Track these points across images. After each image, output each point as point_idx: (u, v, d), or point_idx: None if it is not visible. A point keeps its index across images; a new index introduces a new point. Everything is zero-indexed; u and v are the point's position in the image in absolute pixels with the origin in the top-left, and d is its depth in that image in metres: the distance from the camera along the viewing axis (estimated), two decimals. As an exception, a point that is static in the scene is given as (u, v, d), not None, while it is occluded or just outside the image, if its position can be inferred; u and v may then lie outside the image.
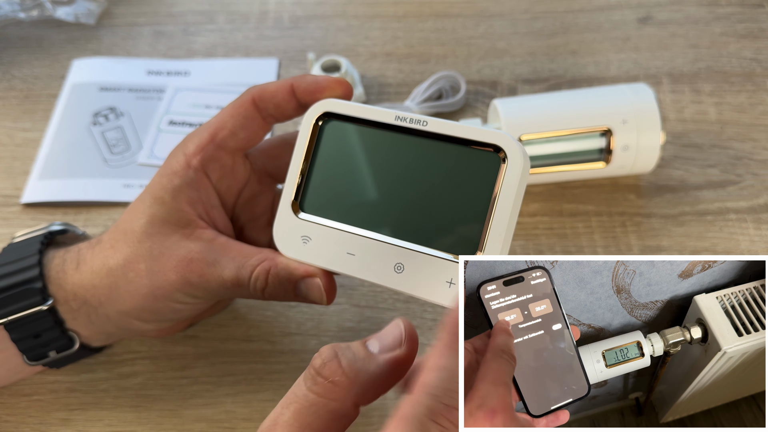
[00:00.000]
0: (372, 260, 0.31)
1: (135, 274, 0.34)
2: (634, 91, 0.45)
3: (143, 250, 0.34)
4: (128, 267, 0.34)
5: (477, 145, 0.31)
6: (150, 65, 0.57)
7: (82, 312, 0.35)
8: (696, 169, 0.49)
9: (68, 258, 0.36)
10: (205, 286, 0.33)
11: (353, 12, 0.60)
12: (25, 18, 0.59)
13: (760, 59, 0.55)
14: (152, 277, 0.33)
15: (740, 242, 0.45)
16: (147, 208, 0.34)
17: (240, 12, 0.61)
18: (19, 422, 0.38)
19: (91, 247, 0.35)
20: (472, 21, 0.59)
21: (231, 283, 0.33)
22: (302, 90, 0.34)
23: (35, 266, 0.35)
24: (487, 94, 0.54)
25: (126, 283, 0.34)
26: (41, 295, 0.34)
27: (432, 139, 0.31)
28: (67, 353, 0.36)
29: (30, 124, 0.53)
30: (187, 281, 0.33)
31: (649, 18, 0.59)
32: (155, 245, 0.34)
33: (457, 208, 0.31)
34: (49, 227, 0.39)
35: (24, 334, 0.35)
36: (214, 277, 0.33)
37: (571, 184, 0.48)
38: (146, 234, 0.34)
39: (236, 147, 0.35)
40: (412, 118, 0.32)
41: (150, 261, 0.33)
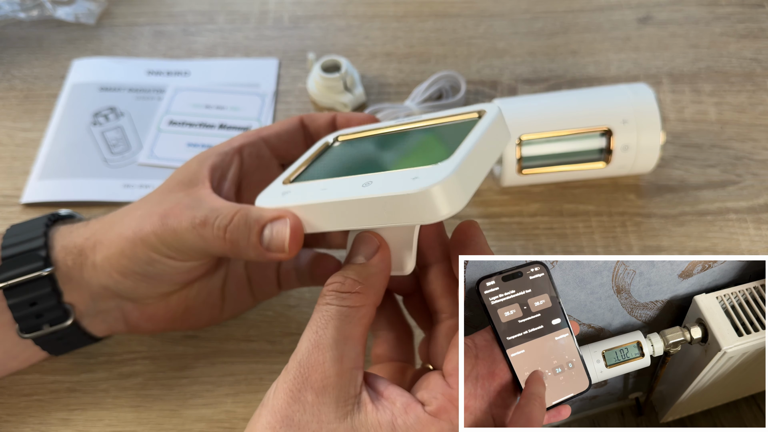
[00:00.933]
0: (343, 186, 0.30)
1: (129, 218, 0.35)
2: (634, 91, 0.45)
3: (146, 201, 0.36)
4: (127, 213, 0.35)
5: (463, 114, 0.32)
6: (150, 65, 0.57)
7: (76, 266, 0.36)
8: (696, 169, 0.49)
9: (79, 223, 0.37)
10: (176, 227, 0.33)
11: (353, 12, 0.60)
12: (25, 18, 0.59)
13: (760, 59, 0.55)
14: (140, 221, 0.34)
15: (740, 242, 0.45)
16: (173, 175, 0.36)
17: (240, 12, 0.61)
18: (19, 422, 0.38)
19: (104, 214, 0.37)
20: (472, 21, 0.59)
21: (199, 222, 0.33)
22: (340, 122, 0.39)
23: (41, 236, 0.36)
24: (487, 94, 0.54)
25: (119, 227, 0.35)
26: (43, 261, 0.35)
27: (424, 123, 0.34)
28: (59, 327, 0.36)
29: (30, 124, 0.53)
30: (163, 223, 0.34)
31: (649, 18, 0.59)
32: (159, 198, 0.35)
33: (430, 149, 0.31)
34: (55, 213, 0.40)
35: (20, 300, 0.35)
36: (186, 217, 0.33)
37: (571, 184, 0.48)
38: (159, 192, 0.36)
39: (276, 145, 0.38)
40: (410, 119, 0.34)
41: (145, 209, 0.35)
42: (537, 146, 0.45)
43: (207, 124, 0.53)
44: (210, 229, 0.33)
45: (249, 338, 0.41)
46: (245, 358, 0.41)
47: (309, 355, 0.28)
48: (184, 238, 0.33)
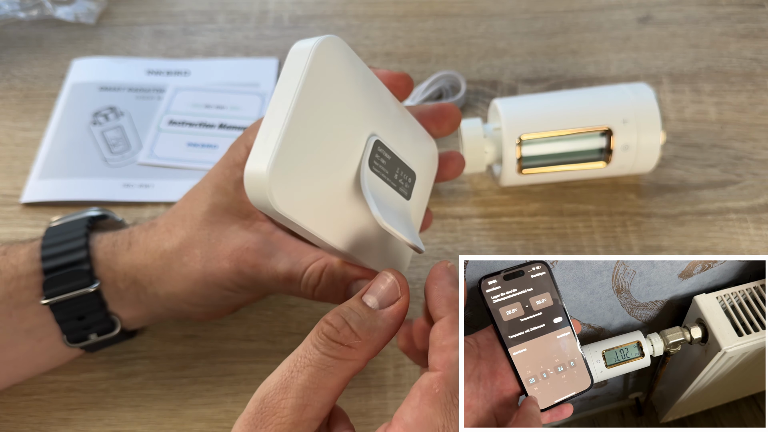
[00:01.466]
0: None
1: (189, 258, 0.34)
2: (635, 90, 0.45)
3: (201, 236, 0.34)
4: (183, 251, 0.34)
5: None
6: (150, 65, 0.57)
7: (131, 292, 0.36)
8: (696, 169, 0.49)
9: (119, 240, 0.36)
10: (255, 278, 0.34)
11: (353, 12, 0.60)
12: (25, 18, 0.59)
13: (760, 59, 0.55)
14: (206, 264, 0.34)
15: (740, 242, 0.45)
16: (209, 197, 0.35)
17: (240, 12, 0.61)
18: (19, 422, 0.38)
19: (144, 229, 0.36)
20: (472, 21, 0.59)
21: (283, 277, 0.33)
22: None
23: (83, 248, 0.35)
24: (487, 93, 0.54)
25: (179, 266, 0.34)
26: (89, 276, 0.35)
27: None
28: (107, 337, 0.37)
29: (30, 124, 0.53)
30: (239, 271, 0.34)
31: (649, 18, 0.59)
32: (213, 233, 0.34)
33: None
34: (87, 212, 0.39)
35: (68, 316, 0.35)
36: (267, 269, 0.34)
37: (572, 184, 0.48)
38: (207, 221, 0.35)
39: None
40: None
41: (206, 247, 0.34)
42: (537, 146, 0.45)
43: (207, 123, 0.53)
44: (297, 286, 0.33)
45: (249, 338, 0.41)
46: (245, 358, 0.41)
47: (274, 394, 0.26)
48: (266, 286, 0.34)
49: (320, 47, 0.25)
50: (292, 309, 0.43)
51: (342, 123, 0.27)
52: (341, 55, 0.27)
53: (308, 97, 0.25)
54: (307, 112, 0.25)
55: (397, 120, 0.31)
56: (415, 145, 0.33)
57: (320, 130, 0.26)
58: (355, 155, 0.28)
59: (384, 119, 0.30)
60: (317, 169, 0.26)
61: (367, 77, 0.29)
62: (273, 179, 0.24)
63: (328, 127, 0.26)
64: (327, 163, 0.27)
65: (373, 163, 0.29)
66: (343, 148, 0.27)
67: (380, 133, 0.29)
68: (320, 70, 0.26)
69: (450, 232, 0.46)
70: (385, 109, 0.30)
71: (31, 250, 0.36)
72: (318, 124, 0.26)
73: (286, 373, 0.26)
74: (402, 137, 0.31)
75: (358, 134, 0.28)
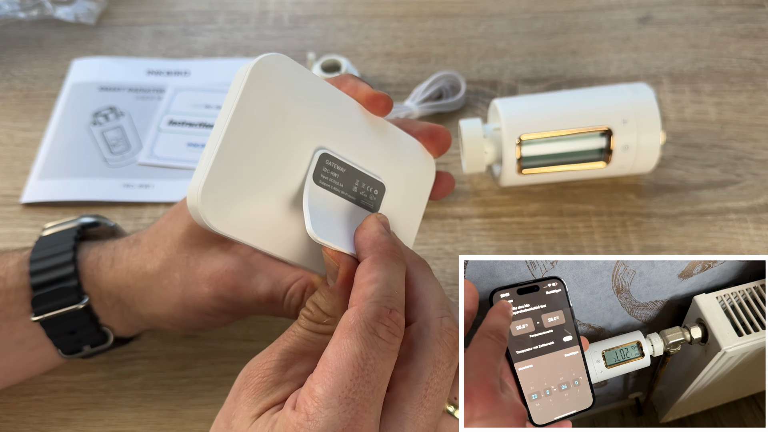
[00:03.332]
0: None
1: (169, 282, 0.34)
2: (634, 90, 0.45)
3: (180, 259, 0.34)
4: (163, 274, 0.34)
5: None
6: (150, 65, 0.57)
7: (116, 309, 0.36)
8: (696, 169, 0.49)
9: (103, 255, 0.36)
10: (236, 300, 0.34)
11: (353, 12, 0.60)
12: (25, 18, 0.59)
13: (760, 59, 0.55)
14: (185, 288, 0.34)
15: (740, 242, 0.45)
16: (187, 218, 0.35)
17: (240, 12, 0.61)
18: (19, 422, 0.38)
19: (128, 246, 0.36)
20: (472, 21, 0.59)
21: (265, 299, 0.33)
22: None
23: (70, 263, 0.35)
24: (487, 93, 0.54)
25: (159, 290, 0.34)
26: (77, 293, 0.35)
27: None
28: (101, 348, 0.37)
29: (30, 124, 0.53)
30: (218, 295, 0.34)
31: (649, 18, 0.59)
32: (192, 256, 0.34)
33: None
34: (80, 219, 0.39)
35: (59, 331, 0.35)
36: (248, 291, 0.33)
37: (571, 184, 0.48)
38: (185, 243, 0.34)
39: None
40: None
41: (185, 271, 0.34)
42: (537, 146, 0.45)
43: (207, 123, 0.53)
44: (279, 307, 0.33)
45: (249, 338, 0.41)
46: (245, 358, 0.40)
47: (259, 359, 0.27)
48: (247, 308, 0.34)
49: (255, 67, 0.26)
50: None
51: (282, 139, 0.27)
52: (283, 71, 0.27)
53: (242, 117, 0.26)
54: (241, 132, 0.26)
55: (362, 131, 0.31)
56: (394, 155, 0.32)
57: (257, 148, 0.27)
58: (300, 169, 0.28)
59: (339, 131, 0.30)
60: (255, 186, 0.27)
61: (318, 91, 0.29)
62: (204, 199, 0.25)
63: (265, 144, 0.27)
64: (266, 180, 0.27)
65: (320, 177, 0.29)
66: (284, 164, 0.28)
67: (331, 146, 0.29)
68: (256, 87, 0.26)
69: (450, 232, 0.46)
70: (344, 121, 0.30)
71: (20, 263, 0.36)
72: (254, 142, 0.26)
73: (275, 343, 0.27)
74: (367, 148, 0.31)
75: (302, 148, 0.28)
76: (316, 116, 0.29)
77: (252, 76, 0.26)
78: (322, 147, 0.29)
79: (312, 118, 0.28)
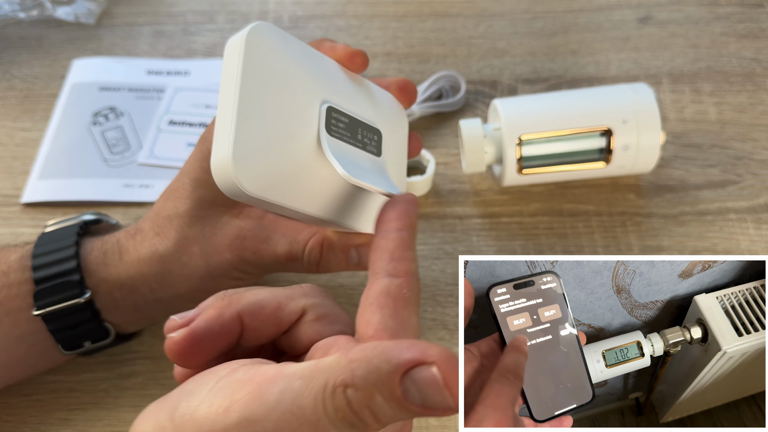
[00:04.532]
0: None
1: (189, 258, 0.34)
2: (634, 90, 0.45)
3: (194, 233, 0.34)
4: (181, 251, 0.34)
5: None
6: (150, 65, 0.57)
7: (128, 300, 0.36)
8: (696, 169, 0.49)
9: (108, 249, 0.36)
10: (258, 262, 0.35)
11: (353, 12, 0.60)
12: (25, 18, 0.59)
13: (760, 59, 0.55)
14: (207, 259, 0.34)
15: (740, 242, 0.45)
16: (191, 193, 0.35)
17: (240, 12, 0.61)
18: (19, 422, 0.38)
19: (131, 236, 0.36)
20: (472, 21, 0.59)
21: (285, 258, 0.34)
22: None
23: (72, 258, 0.35)
24: (487, 93, 0.54)
25: (180, 267, 0.35)
26: (79, 287, 0.35)
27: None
28: (102, 344, 0.37)
29: (30, 124, 0.53)
30: (242, 258, 0.34)
31: (649, 18, 0.59)
32: (206, 227, 0.34)
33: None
34: (82, 217, 0.39)
35: (61, 326, 0.35)
36: (268, 253, 0.34)
37: (571, 184, 0.48)
38: (195, 217, 0.35)
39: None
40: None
41: (203, 243, 0.34)
42: (537, 146, 0.45)
43: (207, 124, 0.53)
44: (300, 264, 0.34)
45: (249, 338, 0.41)
46: (245, 358, 0.41)
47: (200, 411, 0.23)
48: (271, 268, 0.35)
49: (250, 34, 0.27)
50: (292, 309, 0.42)
51: (290, 97, 0.29)
52: (273, 37, 0.29)
53: (250, 81, 0.27)
54: (253, 95, 0.27)
55: (349, 85, 0.33)
56: (376, 105, 0.34)
57: (270, 109, 0.28)
58: (312, 124, 0.29)
59: (333, 87, 0.31)
60: (277, 146, 0.28)
61: (305, 52, 0.31)
62: (237, 165, 0.26)
63: (277, 104, 0.28)
64: (286, 138, 0.28)
65: (331, 128, 0.30)
66: (298, 121, 0.29)
67: (332, 99, 0.31)
68: (255, 54, 0.27)
69: (450, 232, 0.46)
70: (333, 77, 0.32)
71: (22, 257, 0.36)
72: (267, 104, 0.28)
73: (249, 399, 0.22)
74: (358, 100, 0.33)
75: (310, 104, 0.30)
76: (313, 74, 0.30)
77: (248, 44, 0.27)
78: (325, 101, 0.30)
79: (310, 76, 0.30)
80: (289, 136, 0.28)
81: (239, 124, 0.26)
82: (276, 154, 0.28)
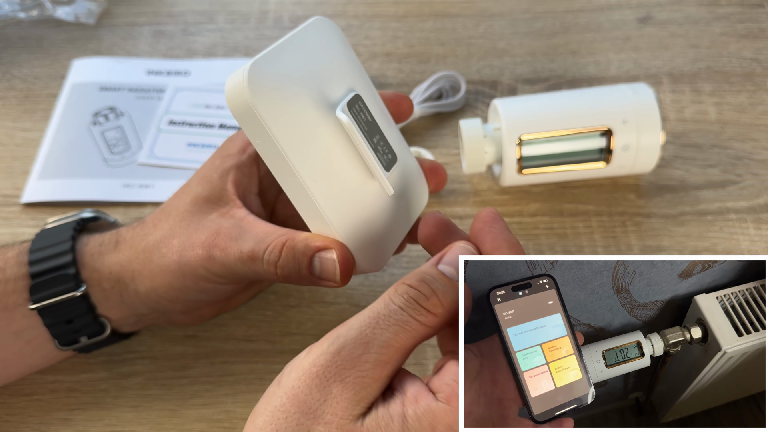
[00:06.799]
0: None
1: (168, 249, 0.34)
2: (634, 90, 0.45)
3: (181, 227, 0.35)
4: (163, 243, 0.35)
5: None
6: (150, 65, 0.57)
7: (115, 291, 0.36)
8: (696, 169, 0.49)
9: (106, 240, 0.36)
10: (224, 261, 0.34)
11: (353, 12, 0.60)
12: (25, 18, 0.59)
13: (760, 59, 0.55)
14: (182, 253, 0.34)
15: (740, 242, 0.45)
16: (193, 188, 0.35)
17: (240, 12, 0.61)
18: (19, 422, 0.38)
19: (132, 228, 0.37)
20: (472, 21, 0.59)
21: (247, 257, 0.33)
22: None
23: (68, 252, 0.35)
24: (487, 93, 0.54)
25: (158, 258, 0.35)
26: (74, 281, 0.35)
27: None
28: (97, 339, 0.37)
29: (30, 124, 0.53)
30: (210, 256, 0.34)
31: (649, 18, 0.59)
32: (192, 223, 0.35)
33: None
34: (80, 214, 0.39)
35: (56, 320, 0.35)
36: (234, 250, 0.33)
37: (571, 184, 0.48)
38: (188, 212, 0.35)
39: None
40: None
41: (183, 237, 0.34)
42: (537, 146, 0.45)
43: (207, 123, 0.53)
44: (260, 264, 0.33)
45: (249, 338, 0.41)
46: (245, 358, 0.41)
47: (353, 348, 0.26)
48: (235, 270, 0.34)
49: (317, 20, 0.33)
50: (292, 309, 0.43)
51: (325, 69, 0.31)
52: (334, 31, 0.33)
53: (300, 38, 0.31)
54: (295, 46, 0.30)
55: (385, 114, 0.35)
56: (403, 151, 0.35)
57: (304, 64, 0.30)
58: (335, 95, 0.31)
59: (372, 98, 0.34)
60: (297, 86, 0.29)
61: (357, 62, 0.34)
62: (251, 75, 0.27)
63: (311, 63, 0.30)
64: (307, 84, 0.30)
65: (351, 109, 0.31)
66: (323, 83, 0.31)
67: (365, 97, 0.32)
68: (314, 29, 0.32)
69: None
70: (374, 95, 0.34)
71: (19, 254, 0.36)
72: (303, 59, 0.30)
73: (367, 329, 0.26)
74: (388, 128, 0.34)
75: (340, 83, 0.32)
76: (358, 73, 0.33)
77: (312, 23, 0.32)
78: (356, 91, 0.32)
79: (354, 71, 0.32)
80: (309, 84, 0.30)
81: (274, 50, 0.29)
82: (291, 86, 0.29)
